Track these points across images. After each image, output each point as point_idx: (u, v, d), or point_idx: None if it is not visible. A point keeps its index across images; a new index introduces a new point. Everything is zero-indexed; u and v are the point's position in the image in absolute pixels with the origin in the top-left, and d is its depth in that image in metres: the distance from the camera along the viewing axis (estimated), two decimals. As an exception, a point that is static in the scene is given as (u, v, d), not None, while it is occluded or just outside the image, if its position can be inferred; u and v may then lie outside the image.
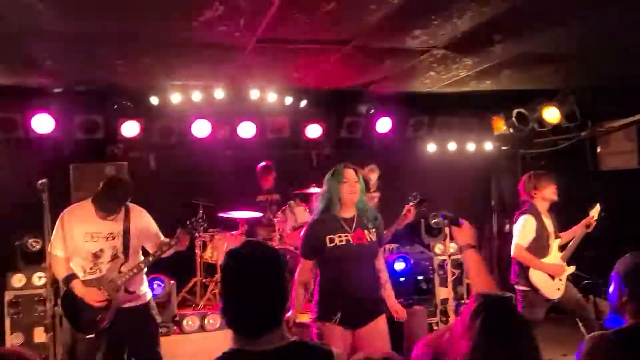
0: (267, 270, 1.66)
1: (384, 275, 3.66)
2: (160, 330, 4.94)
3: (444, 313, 6.26)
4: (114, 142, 6.00)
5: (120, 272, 3.67)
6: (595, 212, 4.72)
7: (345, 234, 3.39)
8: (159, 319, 3.97)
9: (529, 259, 4.57)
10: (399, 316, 3.68)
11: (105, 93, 5.72)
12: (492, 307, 1.67)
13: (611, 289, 2.17)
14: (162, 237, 3.91)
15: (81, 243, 3.65)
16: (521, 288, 4.66)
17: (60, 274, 3.66)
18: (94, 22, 3.50)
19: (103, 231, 3.69)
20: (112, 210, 3.66)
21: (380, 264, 3.66)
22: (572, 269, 4.72)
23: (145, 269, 3.85)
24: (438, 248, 6.71)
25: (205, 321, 5.09)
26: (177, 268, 6.01)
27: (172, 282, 5.26)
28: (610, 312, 2.20)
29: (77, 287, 3.60)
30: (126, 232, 3.73)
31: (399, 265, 6.08)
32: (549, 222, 4.68)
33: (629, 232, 5.90)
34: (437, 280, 6.49)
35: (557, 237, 4.71)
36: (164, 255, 3.77)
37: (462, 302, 6.51)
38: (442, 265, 6.45)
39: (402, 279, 6.01)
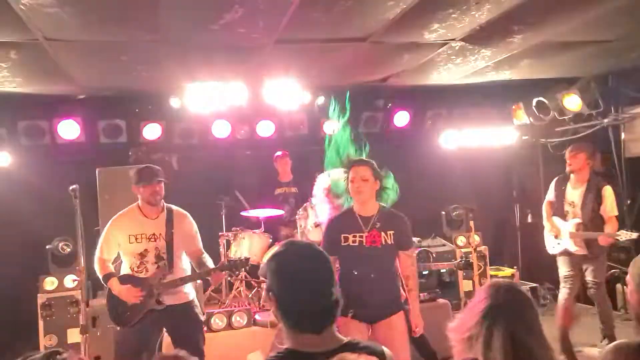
0: (323, 266, 1.70)
1: (411, 283, 3.50)
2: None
3: (469, 305, 6.26)
4: (136, 145, 6.11)
5: (161, 280, 3.82)
6: (625, 236, 4.71)
7: (360, 234, 3.36)
8: (202, 317, 4.07)
9: (545, 211, 5.23)
10: (417, 330, 3.55)
11: (127, 97, 5.82)
12: (499, 293, 1.68)
13: (629, 290, 1.97)
14: (202, 250, 4.09)
15: (127, 245, 3.86)
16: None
17: (99, 273, 3.89)
18: (117, 30, 3.57)
19: (146, 232, 3.88)
20: (154, 177, 3.85)
21: (406, 269, 3.49)
22: (571, 246, 4.92)
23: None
24: (460, 240, 6.69)
25: (233, 319, 5.15)
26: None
27: (198, 281, 5.34)
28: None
29: (113, 285, 3.82)
30: (169, 234, 3.90)
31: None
32: (574, 193, 5.00)
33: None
34: (460, 273, 6.48)
35: (578, 214, 4.94)
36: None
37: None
38: (465, 258, 6.44)
39: (425, 272, 6.01)
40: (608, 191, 4.91)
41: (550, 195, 5.28)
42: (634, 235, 4.68)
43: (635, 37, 4.56)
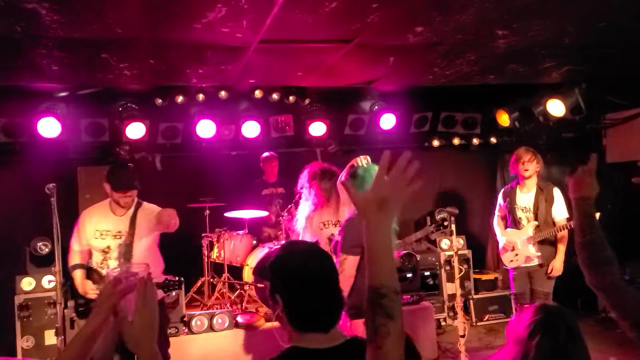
0: (327, 266, 1.71)
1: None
2: (170, 331, 4.99)
3: (452, 309, 6.27)
4: (119, 144, 6.03)
5: None
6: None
7: None
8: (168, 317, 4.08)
9: (497, 225, 5.19)
10: None
11: (110, 96, 5.75)
12: (551, 324, 1.66)
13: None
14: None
15: (93, 240, 3.91)
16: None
17: (70, 262, 3.97)
18: (98, 27, 3.52)
19: (112, 229, 3.92)
20: (129, 185, 3.86)
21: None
22: (531, 252, 4.84)
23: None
24: (444, 243, 6.72)
25: (214, 321, 5.11)
26: (184, 268, 6.05)
27: (181, 278, 5.28)
28: None
29: (76, 277, 3.92)
30: (131, 232, 3.90)
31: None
32: (525, 197, 4.94)
33: (635, 224, 5.88)
34: (444, 276, 6.50)
35: (536, 219, 4.87)
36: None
37: (470, 297, 6.52)
38: (448, 261, 6.46)
39: (409, 275, 6.01)
40: (558, 192, 4.90)
41: (499, 208, 5.22)
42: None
43: (617, 42, 4.60)
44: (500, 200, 5.20)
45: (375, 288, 1.31)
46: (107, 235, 3.91)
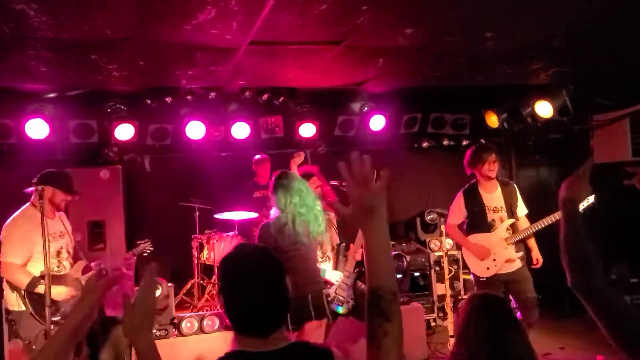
0: (271, 270, 1.69)
1: None
2: (159, 333, 4.97)
3: (442, 309, 6.30)
4: (108, 146, 6.00)
5: (83, 272, 4.05)
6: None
7: None
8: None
9: (455, 236, 4.79)
10: None
11: (99, 97, 5.71)
12: (485, 307, 1.68)
13: None
14: None
15: (39, 246, 3.75)
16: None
17: (24, 279, 3.78)
18: (87, 28, 3.50)
19: (56, 230, 4.03)
20: (76, 191, 4.12)
21: None
22: (512, 254, 4.54)
23: None
24: (434, 244, 6.75)
25: (204, 323, 5.09)
26: (174, 270, 6.04)
27: (169, 284, 5.27)
28: None
29: (48, 288, 3.79)
30: (66, 230, 4.15)
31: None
32: (493, 197, 4.66)
33: (623, 224, 5.95)
34: (433, 277, 6.53)
35: (512, 216, 4.64)
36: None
37: (460, 297, 6.56)
38: (438, 262, 6.50)
39: (398, 276, 6.05)
40: (516, 188, 4.82)
41: (459, 214, 4.83)
42: (591, 198, 4.36)
43: (605, 44, 4.66)
44: (459, 205, 4.81)
45: (373, 290, 1.35)
46: (56, 237, 4.00)
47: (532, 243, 4.73)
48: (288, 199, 3.80)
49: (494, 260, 4.57)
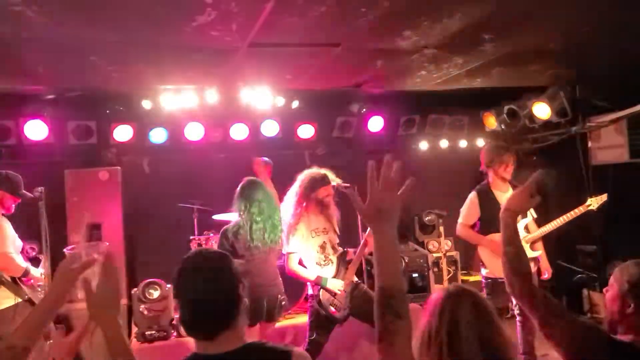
0: (217, 272, 1.72)
1: None
2: (158, 334, 4.97)
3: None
4: (107, 147, 6.00)
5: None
6: (596, 201, 4.48)
7: None
8: None
9: (469, 236, 4.65)
10: None
11: (98, 98, 5.71)
12: (456, 302, 1.68)
13: (610, 296, 2.01)
14: None
15: (16, 242, 4.15)
16: (482, 273, 4.70)
17: (19, 266, 4.06)
18: (86, 29, 3.51)
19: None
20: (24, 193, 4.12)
21: None
22: (529, 252, 4.44)
23: None
24: (432, 245, 6.76)
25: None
26: (173, 271, 6.03)
27: (168, 286, 5.27)
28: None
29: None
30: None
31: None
32: (505, 197, 4.43)
33: (621, 226, 5.97)
34: (432, 278, 6.54)
35: (525, 216, 4.58)
36: None
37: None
38: (436, 263, 6.51)
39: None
40: None
41: (473, 215, 4.73)
42: (604, 197, 4.40)
43: (603, 45, 4.69)
44: (474, 206, 4.73)
45: (383, 289, 1.40)
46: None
47: (542, 254, 4.71)
48: (247, 207, 4.16)
49: None
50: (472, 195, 4.77)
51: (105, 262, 1.62)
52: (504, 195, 4.68)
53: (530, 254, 4.55)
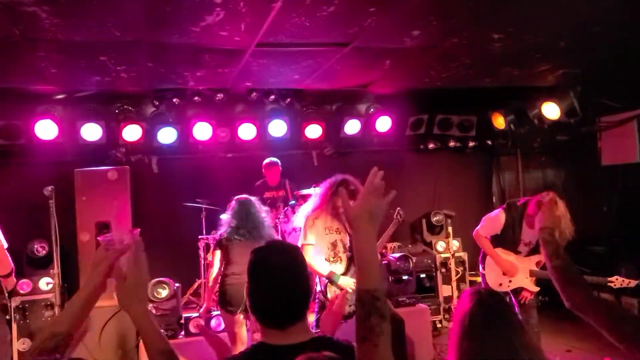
0: (297, 263, 1.76)
1: None
2: (167, 333, 4.98)
3: (448, 311, 6.29)
4: (116, 147, 6.04)
5: None
6: (621, 283, 4.12)
7: None
8: None
9: (483, 245, 4.50)
10: None
11: (107, 98, 5.75)
12: (485, 304, 1.71)
13: None
14: None
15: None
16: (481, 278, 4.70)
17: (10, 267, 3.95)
18: (97, 30, 3.53)
19: None
20: None
21: None
22: (529, 285, 4.36)
23: None
24: (440, 246, 6.74)
25: (211, 323, 5.11)
26: (181, 270, 6.06)
27: (177, 285, 5.29)
28: None
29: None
30: None
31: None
32: (531, 233, 4.33)
33: (630, 227, 5.92)
34: (439, 278, 6.52)
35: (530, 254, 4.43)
36: None
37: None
38: (444, 263, 6.49)
39: (405, 277, 6.02)
40: None
41: (492, 231, 4.47)
42: (632, 283, 4.05)
43: (612, 45, 4.65)
44: (498, 224, 4.45)
45: (369, 291, 1.44)
46: None
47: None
48: (230, 221, 4.59)
49: (511, 281, 4.42)
50: (501, 212, 4.49)
51: (135, 250, 1.63)
52: (532, 231, 4.31)
53: (529, 286, 4.40)
